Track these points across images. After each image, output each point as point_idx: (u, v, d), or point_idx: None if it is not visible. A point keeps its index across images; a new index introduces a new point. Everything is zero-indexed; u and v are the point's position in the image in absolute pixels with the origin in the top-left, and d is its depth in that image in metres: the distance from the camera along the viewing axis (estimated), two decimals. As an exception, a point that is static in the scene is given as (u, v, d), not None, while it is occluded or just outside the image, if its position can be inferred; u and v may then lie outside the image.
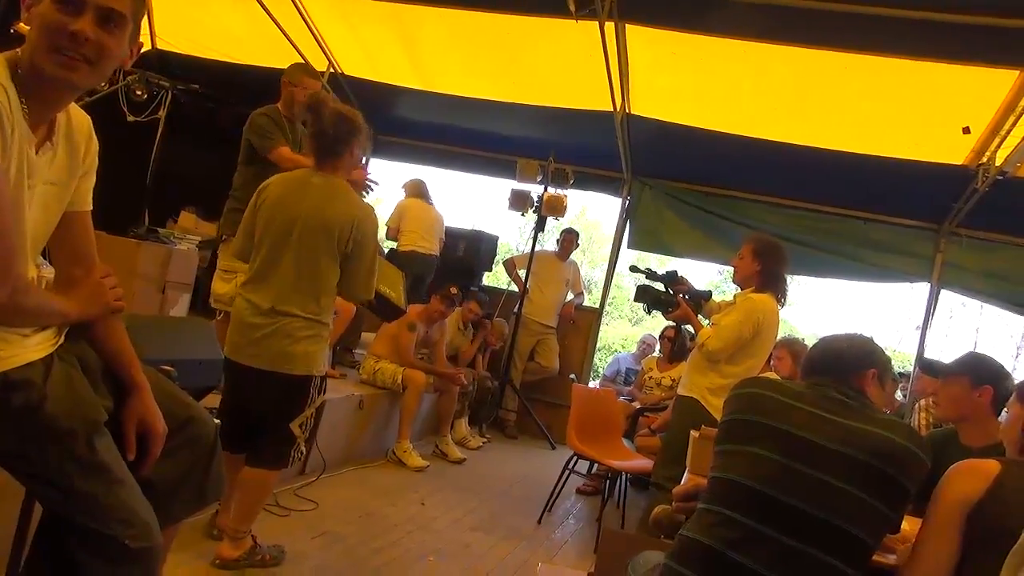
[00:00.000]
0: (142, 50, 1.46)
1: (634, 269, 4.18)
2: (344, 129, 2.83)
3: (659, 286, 3.95)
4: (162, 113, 6.74)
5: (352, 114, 2.90)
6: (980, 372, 2.55)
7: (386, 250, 6.47)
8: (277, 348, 2.75)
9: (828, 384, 1.84)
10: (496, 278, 8.63)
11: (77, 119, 1.44)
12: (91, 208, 1.54)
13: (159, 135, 6.70)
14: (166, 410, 1.54)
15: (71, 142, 1.42)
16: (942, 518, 1.60)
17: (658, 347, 6.52)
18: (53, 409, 1.31)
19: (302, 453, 2.95)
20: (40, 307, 1.36)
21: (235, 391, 2.89)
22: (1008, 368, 2.47)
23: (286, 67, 4.17)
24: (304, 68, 4.15)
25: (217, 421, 1.85)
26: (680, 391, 3.79)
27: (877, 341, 2.03)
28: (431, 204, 6.86)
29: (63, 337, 1.41)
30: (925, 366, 5.00)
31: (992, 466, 1.60)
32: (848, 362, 1.91)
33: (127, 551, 1.35)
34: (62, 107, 1.39)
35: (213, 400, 3.32)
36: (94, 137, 1.48)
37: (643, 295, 3.95)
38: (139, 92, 6.43)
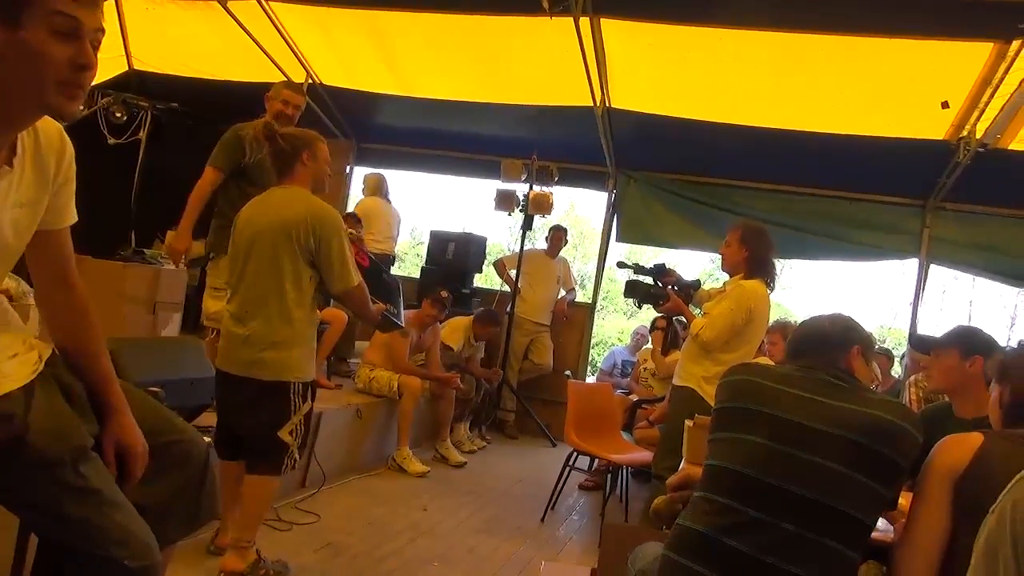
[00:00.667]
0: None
1: (621, 265, 4.19)
2: (292, 144, 2.97)
3: (648, 280, 3.95)
4: (143, 134, 6.73)
5: (300, 131, 3.09)
6: (969, 343, 2.57)
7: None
8: (248, 355, 2.86)
9: (816, 366, 1.85)
10: (487, 279, 8.62)
11: (45, 131, 1.37)
12: (73, 221, 1.49)
13: (141, 156, 6.69)
14: (151, 431, 1.53)
15: (39, 156, 1.36)
16: (931, 490, 1.62)
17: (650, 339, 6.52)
18: (37, 440, 1.30)
19: (295, 460, 2.98)
20: None
21: (223, 399, 3.01)
22: (1002, 339, 2.49)
23: (266, 81, 4.20)
24: (288, 83, 4.20)
25: (209, 440, 1.85)
26: (675, 381, 3.79)
27: (862, 319, 2.04)
28: (389, 201, 6.89)
29: (43, 363, 1.39)
30: (915, 342, 5.02)
31: (975, 438, 1.62)
32: (832, 341, 1.92)
33: (127, 571, 1.34)
34: (26, 128, 1.33)
35: (210, 419, 3.33)
36: (67, 144, 1.42)
37: (632, 290, 3.95)
38: (118, 114, 6.42)
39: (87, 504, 1.34)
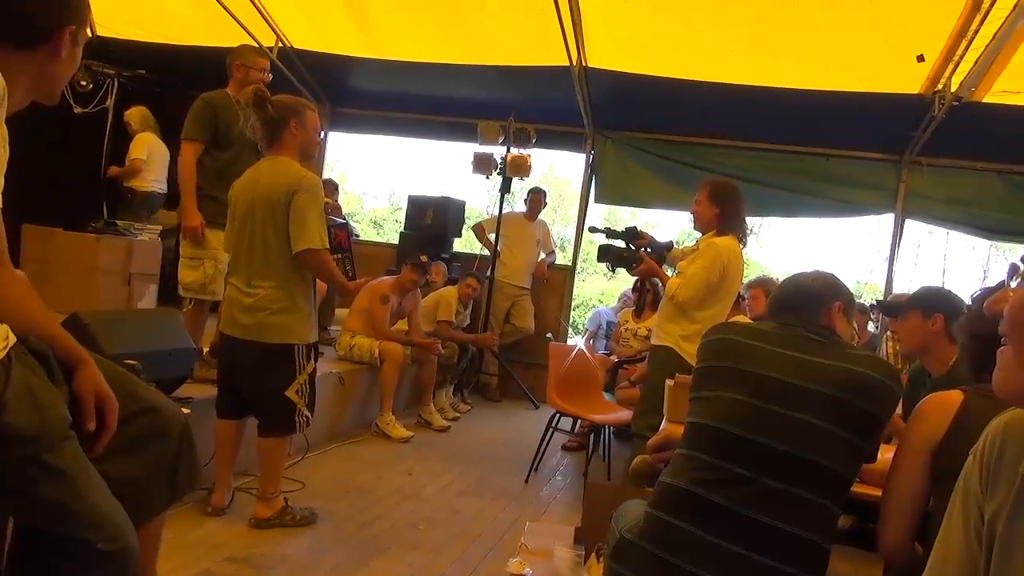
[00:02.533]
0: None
1: (593, 230, 4.17)
2: (280, 112, 3.04)
3: (620, 243, 3.94)
4: (110, 102, 6.59)
5: (289, 98, 3.13)
6: (929, 303, 2.64)
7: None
8: (253, 320, 3.02)
9: (797, 323, 1.86)
10: (467, 243, 8.60)
11: None
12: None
13: (109, 125, 6.55)
14: (122, 401, 1.50)
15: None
16: (908, 455, 1.69)
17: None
18: (13, 419, 1.27)
19: (308, 418, 3.17)
20: None
21: (227, 362, 3.16)
22: (974, 292, 2.55)
23: (234, 47, 4.09)
24: (254, 49, 4.16)
25: (187, 411, 1.84)
26: (653, 340, 3.81)
27: (842, 276, 2.05)
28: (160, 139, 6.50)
29: (13, 339, 1.36)
30: (883, 307, 5.10)
31: (955, 398, 1.65)
32: (814, 298, 1.94)
33: (99, 555, 1.34)
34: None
35: (190, 389, 3.32)
36: (5, 138, 1.41)
37: (605, 255, 3.95)
38: (83, 82, 6.28)
39: (62, 487, 1.32)
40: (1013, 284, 0.99)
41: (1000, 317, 0.92)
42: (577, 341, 6.13)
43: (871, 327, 6.38)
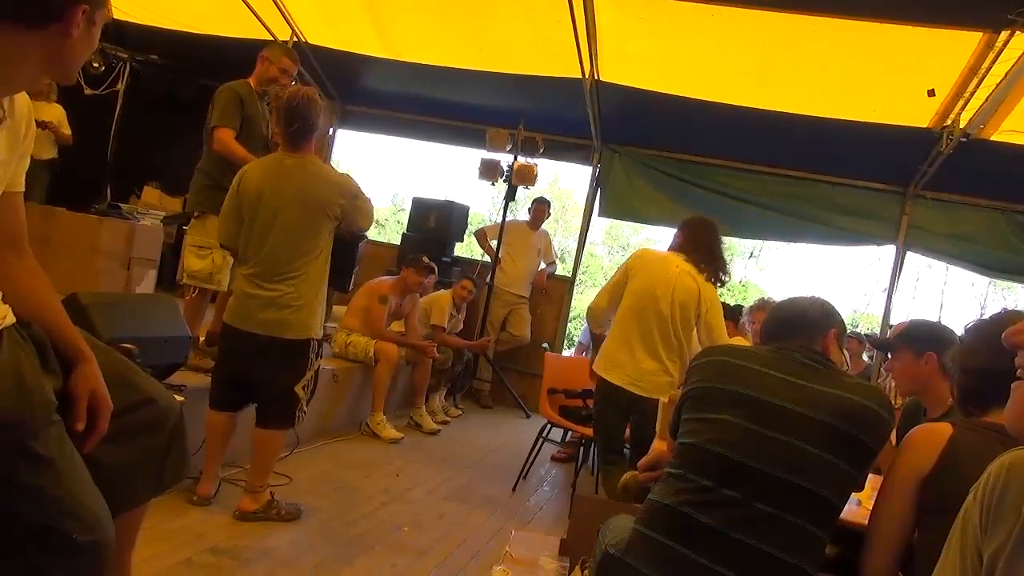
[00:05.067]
0: None
1: None
2: (310, 114, 3.08)
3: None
4: (121, 86, 6.60)
5: (311, 98, 3.14)
6: (919, 340, 2.52)
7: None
8: (276, 317, 3.05)
9: (793, 348, 1.86)
10: (468, 248, 8.60)
11: (19, 100, 1.40)
12: (23, 190, 1.54)
13: (119, 108, 6.56)
14: (122, 392, 1.50)
15: (14, 121, 1.38)
16: (895, 487, 1.67)
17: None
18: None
19: (304, 413, 3.20)
20: None
21: (233, 356, 3.15)
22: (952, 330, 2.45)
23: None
24: (287, 50, 4.10)
25: (181, 399, 1.82)
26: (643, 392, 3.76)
27: (839, 303, 2.05)
28: None
29: (10, 318, 1.35)
30: (874, 344, 5.03)
31: (945, 430, 1.64)
32: (810, 323, 1.94)
33: (74, 545, 1.31)
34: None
35: (183, 377, 3.31)
36: (33, 121, 1.47)
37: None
38: (96, 64, 6.29)
39: (43, 472, 1.29)
40: None
41: (1019, 348, 0.90)
42: (571, 353, 6.15)
43: (865, 357, 6.38)
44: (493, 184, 6.72)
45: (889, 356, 2.79)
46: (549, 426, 4.48)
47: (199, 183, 3.84)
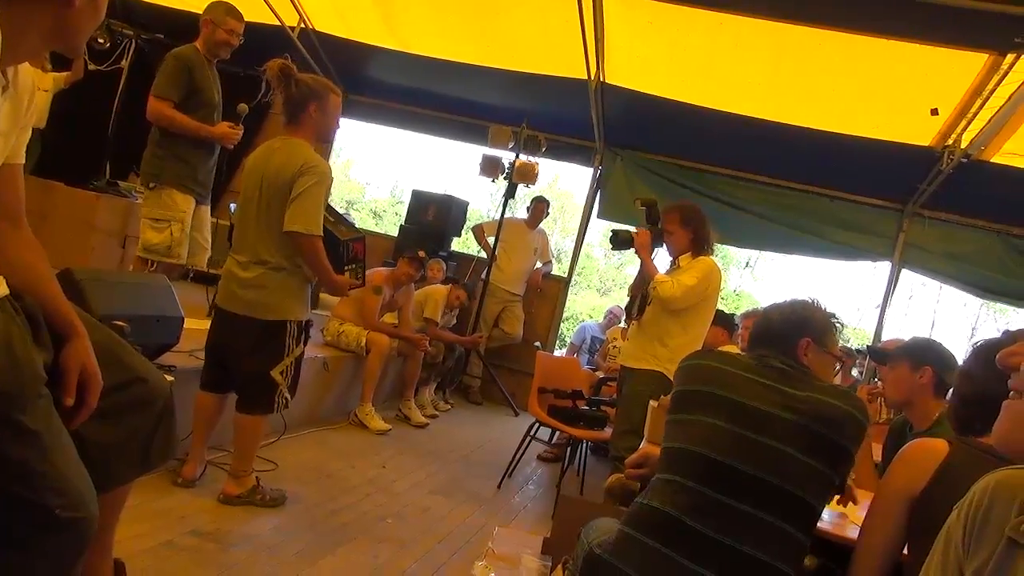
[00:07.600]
0: None
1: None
2: (303, 92, 3.03)
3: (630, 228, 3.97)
4: (125, 63, 6.56)
5: (314, 80, 3.12)
6: (918, 354, 2.58)
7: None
8: (253, 296, 3.04)
9: (771, 355, 1.90)
10: (465, 244, 8.60)
11: (22, 70, 1.39)
12: (23, 162, 1.53)
13: (122, 85, 6.52)
14: (113, 371, 1.49)
15: (16, 92, 1.37)
16: (885, 505, 1.67)
17: (624, 318, 6.55)
18: None
19: (287, 400, 3.17)
20: None
21: (218, 336, 3.16)
22: (962, 348, 2.51)
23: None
24: (228, 8, 3.92)
25: (171, 379, 1.82)
26: (632, 363, 3.76)
27: (818, 306, 2.03)
28: None
29: (5, 288, 1.34)
30: (872, 353, 5.07)
31: (940, 447, 1.63)
32: (782, 334, 1.96)
33: (56, 520, 1.30)
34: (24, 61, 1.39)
35: (174, 358, 3.31)
36: (35, 93, 1.46)
37: (614, 238, 3.98)
38: (101, 40, 6.24)
39: (29, 446, 1.28)
40: None
41: (1012, 370, 0.90)
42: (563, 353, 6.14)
43: (855, 372, 6.39)
44: (493, 181, 6.73)
45: (885, 366, 2.83)
46: (537, 425, 4.48)
47: (151, 153, 3.82)
